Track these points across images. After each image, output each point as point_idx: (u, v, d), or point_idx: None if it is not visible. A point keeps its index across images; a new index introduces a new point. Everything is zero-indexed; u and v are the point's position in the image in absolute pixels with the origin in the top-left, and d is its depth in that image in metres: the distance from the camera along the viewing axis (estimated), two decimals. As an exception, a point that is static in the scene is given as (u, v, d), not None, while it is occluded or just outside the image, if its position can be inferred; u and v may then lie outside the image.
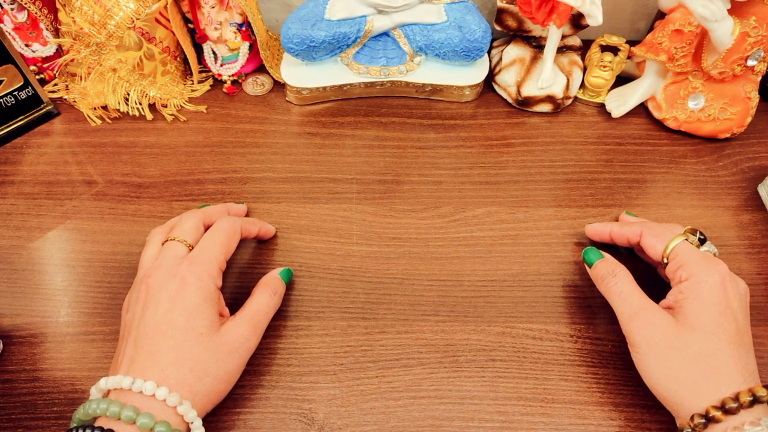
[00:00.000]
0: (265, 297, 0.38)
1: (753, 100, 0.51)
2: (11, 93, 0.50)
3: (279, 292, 0.39)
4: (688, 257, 0.36)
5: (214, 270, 0.36)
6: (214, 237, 0.38)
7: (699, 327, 0.34)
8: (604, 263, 0.39)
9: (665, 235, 0.38)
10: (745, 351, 0.34)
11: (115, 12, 0.48)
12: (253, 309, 0.37)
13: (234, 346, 0.34)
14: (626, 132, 0.54)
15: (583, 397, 0.38)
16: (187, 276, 0.34)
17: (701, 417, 0.31)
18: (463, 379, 0.38)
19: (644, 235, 0.39)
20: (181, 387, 0.32)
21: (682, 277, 0.36)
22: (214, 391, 0.33)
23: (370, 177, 0.49)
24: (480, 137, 0.53)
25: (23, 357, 0.39)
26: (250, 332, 0.36)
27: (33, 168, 0.50)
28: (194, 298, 0.34)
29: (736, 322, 0.34)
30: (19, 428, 0.36)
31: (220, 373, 0.34)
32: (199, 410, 0.32)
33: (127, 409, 0.30)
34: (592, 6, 0.46)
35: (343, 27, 0.51)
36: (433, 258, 0.44)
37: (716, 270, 0.35)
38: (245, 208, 0.46)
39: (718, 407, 0.31)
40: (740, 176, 0.50)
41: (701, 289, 0.35)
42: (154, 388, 0.31)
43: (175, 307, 0.34)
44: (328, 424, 0.36)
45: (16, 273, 0.43)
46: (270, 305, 0.38)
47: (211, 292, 0.35)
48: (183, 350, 0.33)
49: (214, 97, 0.56)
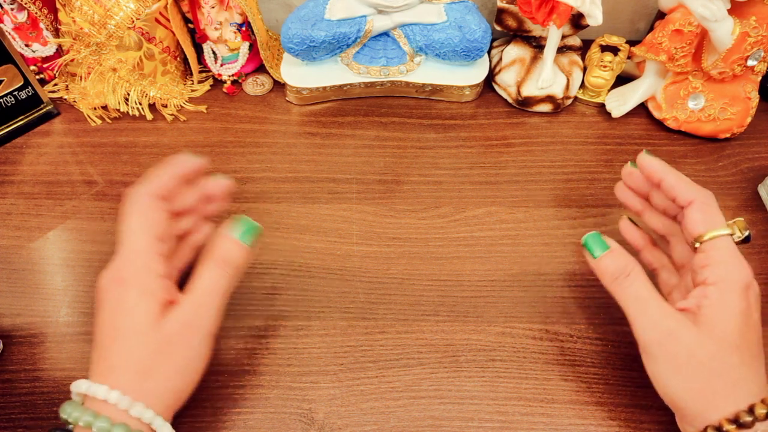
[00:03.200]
0: (208, 271, 0.33)
1: (753, 100, 0.51)
2: (11, 93, 0.50)
3: (231, 259, 0.34)
4: (720, 258, 0.33)
5: (148, 260, 0.33)
6: (129, 224, 0.33)
7: (725, 339, 0.31)
8: (614, 257, 0.34)
9: (714, 217, 0.33)
10: (761, 362, 0.32)
11: (115, 12, 0.48)
12: (193, 289, 0.33)
13: (173, 337, 0.32)
14: (626, 132, 0.54)
15: (583, 397, 0.38)
16: (123, 275, 0.33)
17: (715, 429, 0.30)
18: (463, 379, 0.38)
19: (694, 205, 0.34)
20: (131, 389, 0.31)
21: (709, 279, 0.32)
22: (170, 388, 0.32)
23: (370, 177, 0.49)
24: (480, 137, 0.53)
25: (23, 357, 0.39)
26: (191, 317, 0.32)
27: (33, 168, 0.50)
28: (132, 296, 0.32)
29: (756, 334, 0.32)
30: (19, 428, 0.36)
31: (168, 368, 0.32)
32: (158, 409, 0.31)
33: (87, 414, 0.30)
34: (592, 6, 0.46)
35: (343, 27, 0.51)
36: (433, 258, 0.44)
37: (743, 277, 0.32)
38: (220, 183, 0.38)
39: (731, 420, 0.30)
40: (740, 176, 0.50)
41: (728, 299, 0.32)
42: (106, 393, 0.30)
43: (117, 309, 0.32)
44: (328, 424, 0.36)
45: (16, 273, 0.43)
46: (218, 280, 0.33)
47: (149, 284, 0.32)
48: (126, 351, 0.31)
49: (214, 97, 0.56)
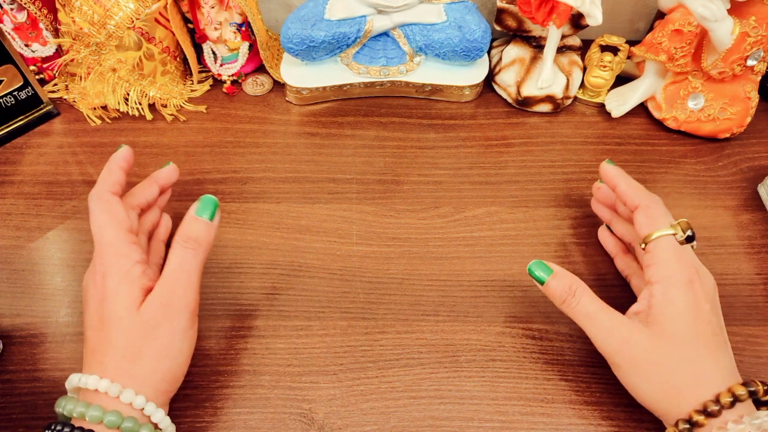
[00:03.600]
0: (176, 252, 0.34)
1: (753, 100, 0.51)
2: (11, 93, 0.50)
3: (194, 236, 0.35)
4: (661, 256, 0.35)
5: (121, 249, 0.34)
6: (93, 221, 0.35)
7: (676, 335, 0.33)
8: (557, 280, 0.36)
9: (657, 219, 0.36)
10: (722, 352, 0.33)
11: (115, 12, 0.48)
12: (165, 271, 0.34)
13: (156, 320, 0.33)
14: (626, 132, 0.54)
15: (583, 397, 0.38)
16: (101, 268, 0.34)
17: (685, 422, 0.31)
18: (463, 379, 0.38)
19: (639, 210, 0.37)
20: (119, 376, 0.31)
21: (653, 277, 0.34)
22: (159, 370, 0.32)
23: (370, 177, 0.49)
24: (480, 137, 0.53)
25: (23, 357, 0.39)
26: (167, 297, 0.33)
27: (33, 168, 0.50)
28: (111, 285, 0.33)
29: (710, 325, 0.33)
30: (19, 428, 0.36)
31: (154, 350, 0.32)
32: (149, 394, 0.32)
33: (80, 405, 0.31)
34: (592, 6, 0.46)
35: (343, 27, 0.51)
36: (433, 258, 0.44)
37: (685, 272, 0.34)
38: (174, 170, 0.42)
39: (700, 411, 0.31)
40: (740, 176, 0.50)
41: (672, 294, 0.33)
42: (96, 382, 0.31)
43: (100, 301, 0.33)
44: (328, 424, 0.36)
45: (16, 273, 0.43)
46: (184, 258, 0.34)
47: (127, 271, 0.33)
48: (111, 339, 0.32)
49: (213, 97, 0.56)
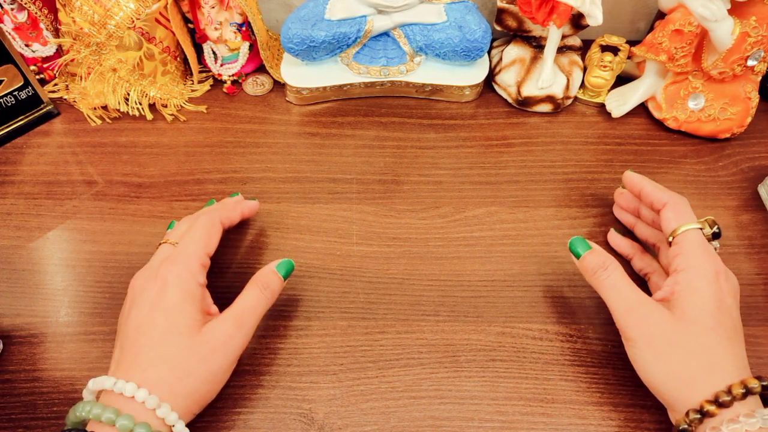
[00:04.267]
0: (254, 293, 0.36)
1: (753, 100, 0.51)
2: (11, 93, 0.50)
3: (272, 287, 0.37)
4: (690, 247, 0.36)
5: (195, 267, 0.35)
6: (192, 234, 0.37)
7: (698, 321, 0.33)
8: (594, 255, 0.37)
9: (685, 215, 0.37)
10: (738, 346, 0.34)
11: (115, 12, 0.48)
12: (239, 305, 0.36)
13: (216, 345, 0.33)
14: (626, 132, 0.54)
15: (583, 397, 0.38)
16: (167, 276, 0.34)
17: (696, 412, 0.31)
18: (463, 379, 0.38)
19: (667, 206, 0.38)
20: (161, 388, 0.31)
21: (680, 266, 0.35)
22: (198, 392, 0.33)
23: (370, 177, 0.49)
24: (480, 137, 0.53)
25: (23, 357, 0.39)
26: (235, 330, 0.34)
27: (33, 168, 0.50)
28: (174, 298, 0.34)
29: (731, 318, 0.34)
30: (19, 428, 0.36)
31: (202, 373, 0.33)
32: (182, 412, 0.32)
33: (108, 411, 0.30)
34: (592, 6, 0.46)
35: (343, 27, 0.51)
36: (433, 258, 0.44)
37: (711, 263, 0.35)
38: (256, 205, 0.44)
39: (711, 401, 0.31)
40: (740, 176, 0.50)
41: (698, 283, 0.34)
42: (134, 390, 0.31)
43: (156, 308, 0.33)
44: (328, 424, 0.36)
45: (16, 273, 0.43)
46: (259, 301, 0.36)
47: (192, 290, 0.34)
48: (163, 351, 0.32)
49: (214, 97, 0.56)
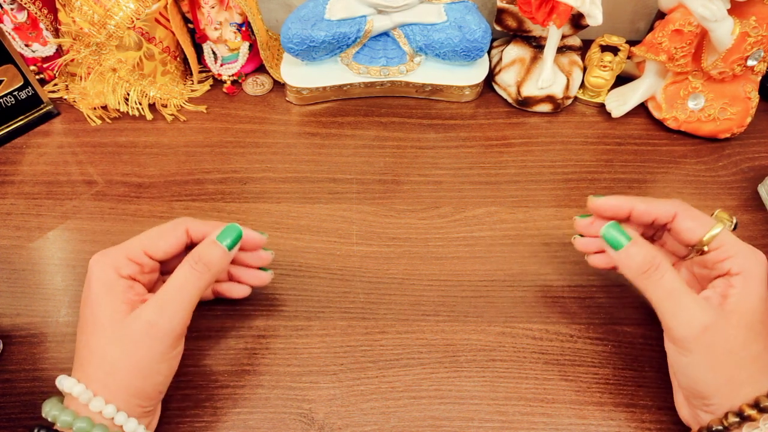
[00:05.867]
0: (182, 270, 0.34)
1: (753, 100, 0.51)
2: (11, 93, 0.50)
3: (205, 259, 0.34)
4: (736, 249, 0.34)
5: (119, 259, 0.34)
6: (148, 230, 0.36)
7: (752, 327, 0.32)
8: (640, 249, 0.34)
9: (702, 219, 0.35)
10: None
11: (115, 12, 0.48)
12: (163, 288, 0.33)
13: (138, 336, 0.32)
14: (626, 132, 0.54)
15: (583, 397, 0.38)
16: (91, 269, 0.34)
17: (735, 415, 0.31)
18: (463, 379, 0.38)
19: (680, 216, 0.35)
20: (94, 383, 0.31)
21: (732, 269, 0.33)
22: (131, 386, 0.32)
23: (370, 177, 0.49)
24: (480, 137, 0.53)
25: (23, 357, 0.39)
26: (156, 315, 0.32)
27: (33, 168, 0.50)
28: (95, 290, 0.33)
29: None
30: (19, 428, 0.36)
31: (130, 367, 0.31)
32: (120, 404, 0.31)
33: (55, 408, 0.31)
34: (592, 6, 0.46)
35: (343, 27, 0.51)
36: (433, 258, 0.44)
37: (763, 262, 0.33)
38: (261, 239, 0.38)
39: (752, 405, 0.30)
40: (740, 176, 0.50)
41: (753, 286, 0.32)
42: (71, 386, 0.31)
43: (85, 303, 0.33)
44: (328, 424, 0.36)
45: (16, 273, 0.43)
46: (187, 278, 0.34)
47: (111, 280, 0.33)
48: (91, 346, 0.32)
49: (214, 97, 0.56)
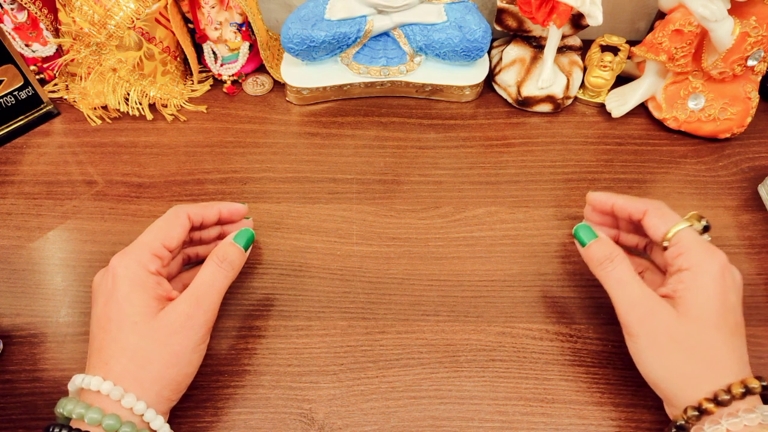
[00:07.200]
0: (210, 268, 0.36)
1: (753, 100, 0.51)
2: (11, 93, 0.50)
3: (229, 259, 0.37)
4: (690, 245, 0.35)
5: (145, 256, 0.35)
6: (150, 226, 0.37)
7: (702, 318, 0.33)
8: (600, 245, 0.37)
9: (670, 217, 0.37)
10: (740, 344, 0.34)
11: (115, 12, 0.48)
12: (195, 284, 0.35)
13: (175, 327, 0.33)
14: (626, 132, 0.54)
15: (583, 397, 0.38)
16: (116, 268, 0.34)
17: (694, 410, 0.31)
18: (463, 379, 0.38)
19: (649, 214, 0.38)
20: (124, 379, 0.32)
21: (683, 265, 0.35)
22: (164, 377, 0.33)
23: (370, 177, 0.49)
24: (480, 137, 0.53)
25: (23, 357, 0.39)
26: (193, 309, 0.34)
27: (33, 168, 0.50)
28: (124, 288, 0.34)
29: (734, 316, 0.34)
30: (19, 428, 0.36)
31: (165, 357, 0.33)
32: (151, 400, 0.32)
33: (80, 405, 0.31)
34: (592, 6, 0.46)
35: (343, 27, 0.51)
36: (433, 258, 0.44)
37: (717, 260, 0.35)
38: (243, 209, 0.42)
39: (711, 399, 0.31)
40: (740, 176, 0.50)
41: (703, 280, 0.34)
42: (99, 383, 0.31)
43: (110, 301, 0.34)
44: (328, 424, 0.36)
45: (16, 273, 0.43)
46: (216, 275, 0.36)
47: (141, 278, 0.34)
48: (120, 341, 0.32)
49: (214, 97, 0.56)
